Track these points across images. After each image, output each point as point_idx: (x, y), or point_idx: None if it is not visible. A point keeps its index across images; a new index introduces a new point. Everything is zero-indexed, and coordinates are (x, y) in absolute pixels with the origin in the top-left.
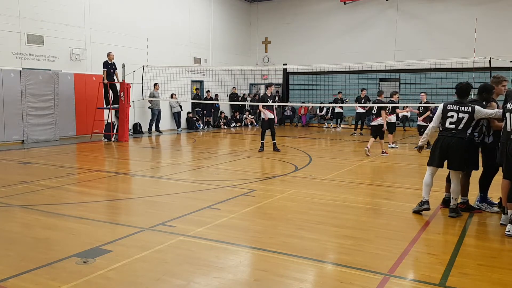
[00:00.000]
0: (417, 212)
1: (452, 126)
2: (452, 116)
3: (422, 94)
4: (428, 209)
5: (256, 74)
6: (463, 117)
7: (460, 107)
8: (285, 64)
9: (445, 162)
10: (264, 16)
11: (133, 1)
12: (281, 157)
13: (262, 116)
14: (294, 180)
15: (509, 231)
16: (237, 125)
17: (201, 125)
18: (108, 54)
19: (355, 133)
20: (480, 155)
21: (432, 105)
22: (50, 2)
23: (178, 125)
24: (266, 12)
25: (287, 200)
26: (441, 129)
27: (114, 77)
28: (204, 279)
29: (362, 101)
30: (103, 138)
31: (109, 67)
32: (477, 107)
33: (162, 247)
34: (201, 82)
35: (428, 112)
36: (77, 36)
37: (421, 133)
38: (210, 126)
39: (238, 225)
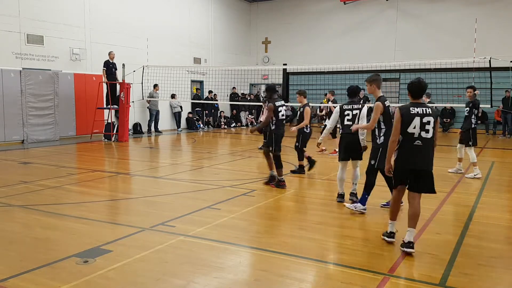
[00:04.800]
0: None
1: (350, 123)
2: (348, 114)
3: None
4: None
5: (256, 74)
6: (356, 114)
7: (353, 106)
8: (285, 64)
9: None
10: (264, 16)
11: (133, 1)
12: (281, 157)
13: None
14: (294, 180)
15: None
16: (237, 125)
17: (201, 125)
18: (109, 53)
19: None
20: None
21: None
22: (50, 2)
23: (178, 125)
24: (266, 12)
25: (287, 200)
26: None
27: (116, 77)
28: (204, 279)
29: (361, 101)
30: (103, 138)
31: (110, 66)
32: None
33: (162, 247)
34: (201, 82)
35: None
36: (77, 36)
37: None
38: (210, 126)
39: (238, 225)
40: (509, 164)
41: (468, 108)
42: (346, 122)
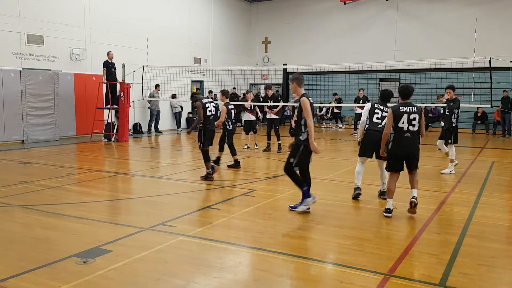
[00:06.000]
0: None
1: (378, 121)
2: (378, 113)
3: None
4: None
5: (256, 74)
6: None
7: (384, 108)
8: (285, 64)
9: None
10: (264, 16)
11: (133, 1)
12: (281, 157)
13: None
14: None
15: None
16: (237, 125)
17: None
18: (108, 53)
19: (355, 133)
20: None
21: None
22: (50, 2)
23: (179, 125)
24: (266, 12)
25: (287, 200)
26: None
27: (116, 76)
28: (204, 279)
29: (361, 101)
30: (103, 138)
31: (110, 66)
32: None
33: (162, 247)
34: (201, 82)
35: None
36: (77, 36)
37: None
38: None
39: (238, 225)
40: (509, 164)
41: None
42: (374, 120)
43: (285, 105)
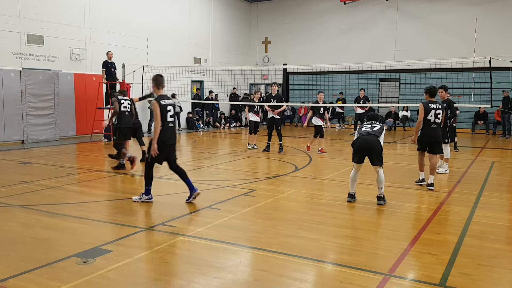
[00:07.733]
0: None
1: (367, 130)
2: (367, 126)
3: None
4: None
5: (256, 74)
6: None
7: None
8: (285, 64)
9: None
10: (264, 16)
11: (133, 1)
12: (281, 157)
13: (273, 115)
14: (294, 180)
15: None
16: (237, 125)
17: (201, 125)
18: (107, 53)
19: (354, 133)
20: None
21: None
22: (50, 2)
23: (178, 125)
24: (266, 12)
25: (287, 200)
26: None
27: (116, 76)
28: (204, 279)
29: (361, 101)
30: (103, 138)
31: (109, 66)
32: None
33: (162, 247)
34: (201, 82)
35: None
36: (77, 36)
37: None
38: (210, 126)
39: (238, 225)
40: (509, 164)
41: None
42: (363, 129)
43: (289, 105)
